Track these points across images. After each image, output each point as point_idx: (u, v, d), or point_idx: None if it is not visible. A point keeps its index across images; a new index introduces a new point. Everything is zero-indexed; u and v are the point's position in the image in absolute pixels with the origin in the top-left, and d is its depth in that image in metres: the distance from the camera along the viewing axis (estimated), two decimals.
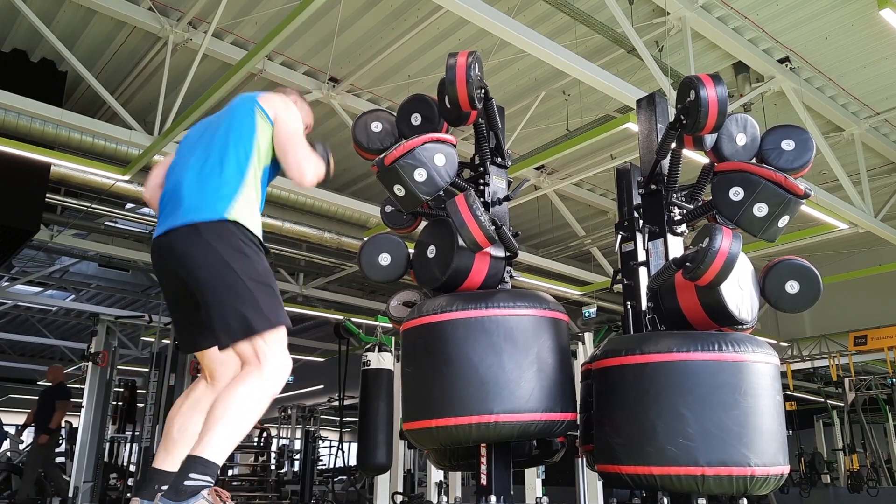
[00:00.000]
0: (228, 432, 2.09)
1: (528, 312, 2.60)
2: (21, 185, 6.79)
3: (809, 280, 2.67)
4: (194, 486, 2.02)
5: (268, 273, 2.29)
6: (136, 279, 13.45)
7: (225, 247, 2.22)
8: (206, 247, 2.22)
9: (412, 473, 11.19)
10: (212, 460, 2.05)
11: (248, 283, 2.20)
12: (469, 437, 2.49)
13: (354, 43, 6.45)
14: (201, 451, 2.06)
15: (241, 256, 2.22)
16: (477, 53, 2.79)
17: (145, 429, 8.52)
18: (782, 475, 2.40)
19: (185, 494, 2.00)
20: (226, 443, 2.09)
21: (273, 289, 2.27)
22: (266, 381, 2.16)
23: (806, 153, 2.83)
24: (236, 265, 2.21)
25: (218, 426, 2.07)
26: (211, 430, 2.08)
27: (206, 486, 2.05)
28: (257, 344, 2.18)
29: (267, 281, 2.26)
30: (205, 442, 2.07)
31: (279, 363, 2.20)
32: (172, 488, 2.03)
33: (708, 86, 2.55)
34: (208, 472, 2.05)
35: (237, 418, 2.10)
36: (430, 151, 2.61)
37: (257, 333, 2.17)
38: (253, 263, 2.24)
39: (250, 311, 2.18)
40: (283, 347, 2.24)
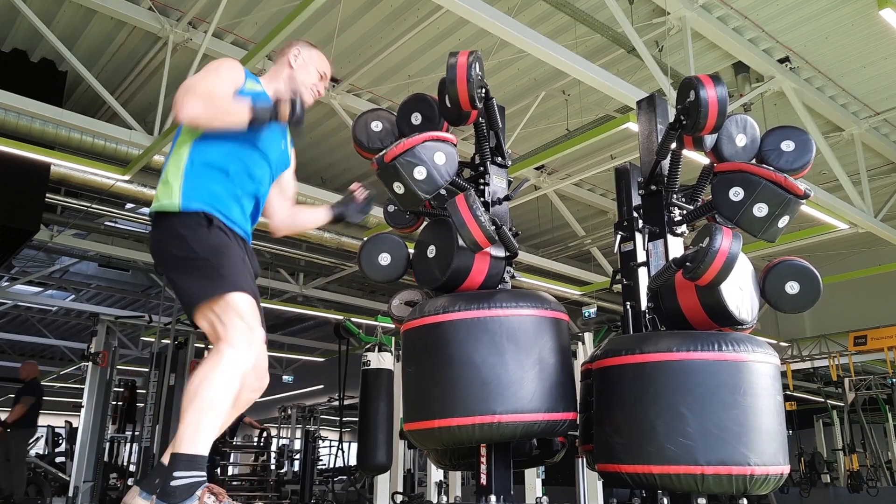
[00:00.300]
0: (203, 418, 2.03)
1: (530, 312, 2.60)
2: (21, 185, 6.79)
3: (809, 280, 2.67)
4: (184, 486, 1.97)
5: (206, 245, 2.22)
6: (136, 279, 13.46)
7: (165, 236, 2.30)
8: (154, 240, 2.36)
9: (412, 473, 11.19)
10: (194, 453, 2.01)
11: (186, 263, 2.23)
12: (472, 437, 2.49)
13: (354, 43, 6.46)
14: (179, 446, 2.01)
15: (175, 240, 2.26)
16: (477, 53, 2.79)
17: (145, 429, 8.52)
18: (782, 475, 2.40)
19: (176, 495, 1.96)
20: (203, 430, 2.03)
21: (211, 260, 2.20)
22: (227, 357, 2.10)
23: (806, 154, 2.83)
24: (174, 249, 2.26)
25: (189, 416, 2.03)
26: (184, 421, 2.04)
27: (198, 482, 2.00)
28: (211, 319, 2.16)
29: (204, 254, 2.21)
30: (180, 436, 2.02)
31: (236, 334, 2.13)
32: (162, 490, 1.98)
33: (708, 86, 2.55)
34: (194, 465, 2.00)
35: (206, 402, 2.04)
36: (430, 150, 2.61)
37: (199, 305, 2.17)
38: (187, 242, 2.23)
39: (188, 286, 2.21)
40: (241, 317, 2.15)
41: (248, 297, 2.21)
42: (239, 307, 2.17)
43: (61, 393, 18.98)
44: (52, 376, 18.34)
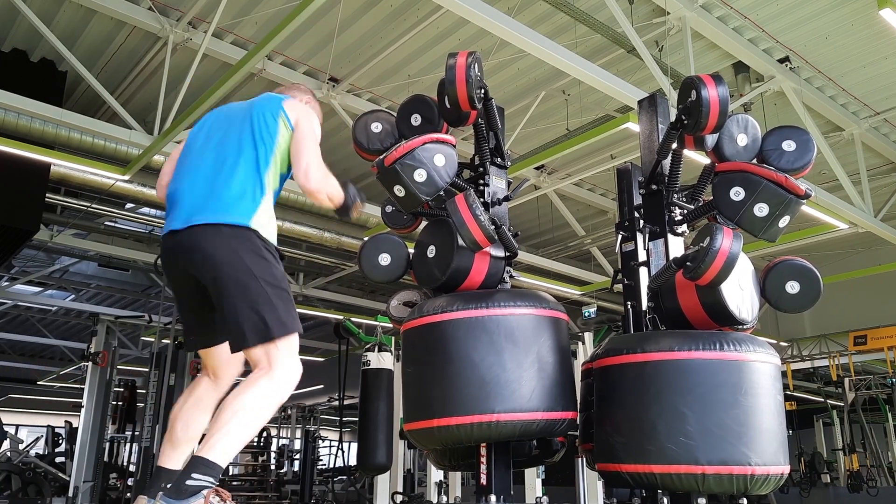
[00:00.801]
0: (235, 436, 2.10)
1: (529, 312, 2.60)
2: (21, 185, 6.79)
3: (810, 280, 2.67)
4: (195, 486, 2.02)
5: (284, 279, 2.32)
6: (136, 279, 13.45)
7: (247, 251, 2.23)
8: (229, 248, 2.22)
9: (412, 473, 11.19)
10: (216, 462, 2.06)
11: (267, 288, 2.22)
12: (471, 436, 2.49)
13: (354, 43, 6.45)
14: (206, 452, 2.06)
15: (261, 261, 2.24)
16: (477, 53, 2.79)
17: (145, 429, 8.51)
18: (782, 475, 2.40)
19: (185, 494, 2.01)
20: (232, 446, 2.10)
21: (289, 295, 2.29)
22: (275, 387, 2.18)
23: (807, 154, 2.83)
24: (256, 270, 2.22)
25: (225, 429, 2.08)
26: (218, 432, 2.08)
27: (208, 486, 2.05)
28: (270, 349, 2.20)
29: (284, 286, 2.29)
30: (211, 444, 2.07)
31: (290, 369, 2.22)
32: (174, 487, 2.03)
33: (709, 86, 2.55)
34: (211, 472, 2.05)
35: (245, 422, 2.11)
36: (429, 152, 2.61)
37: (273, 339, 2.19)
38: (272, 269, 2.27)
39: (268, 315, 2.19)
40: (294, 353, 2.25)
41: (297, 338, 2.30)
42: (296, 347, 2.27)
43: (61, 393, 18.98)
44: (52, 376, 18.34)
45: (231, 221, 2.25)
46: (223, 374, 2.47)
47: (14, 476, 9.38)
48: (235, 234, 2.24)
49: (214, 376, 2.48)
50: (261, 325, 2.18)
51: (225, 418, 2.09)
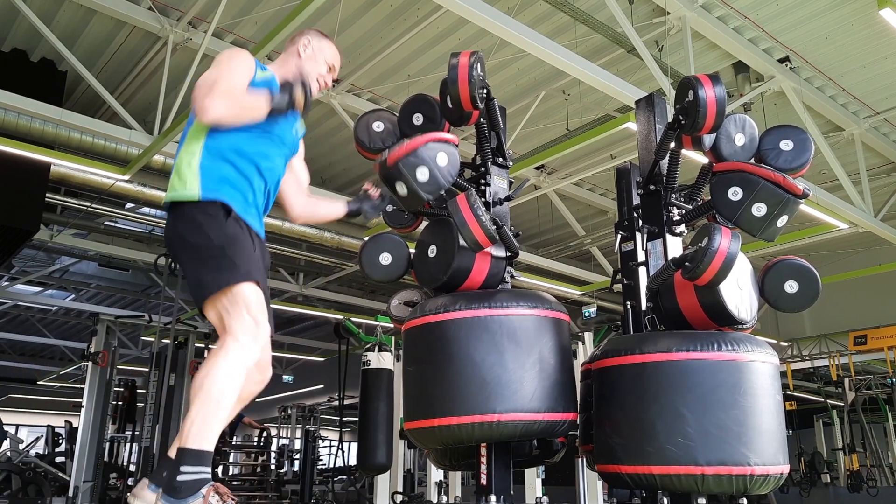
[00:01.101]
0: (208, 413, 2.04)
1: (531, 312, 2.60)
2: (21, 185, 6.79)
3: (808, 280, 2.67)
4: (190, 482, 1.98)
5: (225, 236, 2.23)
6: (136, 279, 13.45)
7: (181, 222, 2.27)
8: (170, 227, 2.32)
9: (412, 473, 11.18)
10: (199, 448, 2.02)
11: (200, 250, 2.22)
12: (472, 436, 2.49)
13: (354, 43, 6.46)
14: (185, 440, 2.02)
15: (193, 227, 2.24)
16: (479, 54, 2.80)
17: (145, 429, 8.51)
18: (782, 475, 2.40)
19: (182, 492, 1.97)
20: (208, 425, 2.04)
21: (226, 249, 2.20)
22: (232, 352, 2.11)
23: (804, 153, 2.83)
24: (189, 237, 2.24)
25: (195, 411, 2.04)
26: (189, 416, 2.05)
27: (203, 479, 2.00)
28: (219, 310, 2.17)
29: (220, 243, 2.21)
30: (186, 430, 2.03)
31: (242, 329, 2.14)
32: (168, 485, 1.99)
33: (706, 86, 2.55)
34: (200, 461, 2.01)
35: (212, 397, 2.05)
36: (432, 151, 2.61)
37: (209, 296, 2.17)
38: (205, 230, 2.22)
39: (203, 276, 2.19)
40: (248, 310, 2.16)
41: (257, 288, 2.22)
42: (248, 299, 2.18)
43: (61, 393, 18.98)
44: (52, 376, 18.34)
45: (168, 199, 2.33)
46: None
47: (14, 476, 9.38)
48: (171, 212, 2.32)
49: None
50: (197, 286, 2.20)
51: (192, 399, 2.06)
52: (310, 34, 2.66)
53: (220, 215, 2.25)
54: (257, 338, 2.17)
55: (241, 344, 2.13)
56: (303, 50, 2.62)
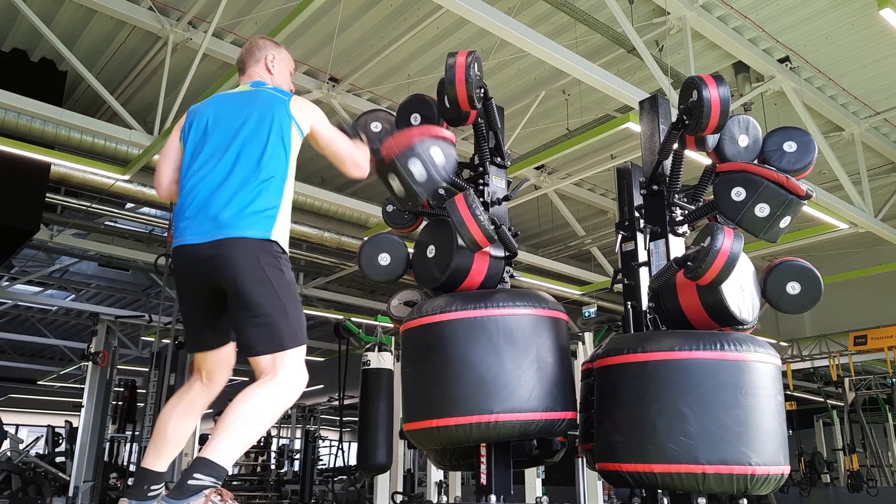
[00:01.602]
0: (239, 438, 2.11)
1: (528, 312, 2.60)
2: (21, 185, 6.78)
3: (811, 281, 2.67)
4: (197, 486, 2.02)
5: (297, 290, 2.35)
6: (136, 279, 13.44)
7: (268, 264, 2.26)
8: (254, 262, 2.24)
9: (412, 473, 11.19)
10: (220, 463, 2.07)
11: (285, 301, 2.25)
12: (470, 436, 2.49)
13: (354, 43, 6.45)
14: (210, 453, 2.07)
15: (280, 274, 2.27)
16: (476, 53, 2.79)
17: (145, 429, 8.50)
18: (782, 475, 2.40)
19: (187, 493, 2.01)
20: (235, 448, 2.11)
21: (300, 306, 2.33)
22: (280, 393, 2.20)
23: (808, 155, 2.83)
24: (276, 282, 2.25)
25: (229, 430, 2.10)
26: (222, 433, 2.09)
27: (210, 486, 2.05)
28: (280, 357, 2.22)
29: (298, 299, 2.33)
30: (214, 444, 2.08)
31: (296, 377, 2.24)
32: (177, 486, 2.04)
33: (710, 86, 2.55)
34: (214, 473, 2.06)
35: (250, 425, 2.12)
36: (428, 148, 2.61)
37: (285, 349, 2.23)
38: (289, 281, 2.30)
39: (284, 327, 2.23)
40: (301, 362, 2.27)
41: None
42: (303, 356, 2.29)
43: (61, 393, 18.97)
44: (52, 376, 18.33)
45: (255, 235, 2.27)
46: (217, 377, 2.47)
47: (14, 476, 9.38)
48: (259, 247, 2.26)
49: (208, 379, 2.47)
50: (278, 335, 2.22)
51: (229, 420, 2.10)
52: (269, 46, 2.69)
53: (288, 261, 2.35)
54: (302, 388, 2.28)
55: (293, 388, 2.23)
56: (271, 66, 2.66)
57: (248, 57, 2.68)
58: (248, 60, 2.67)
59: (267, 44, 2.71)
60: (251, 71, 2.65)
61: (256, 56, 2.66)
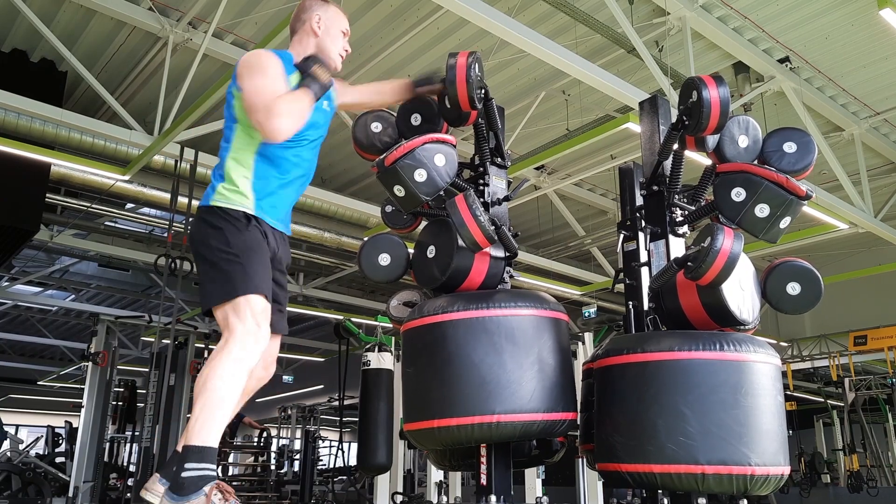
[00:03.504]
0: (210, 410, 2.09)
1: (529, 312, 2.60)
2: (21, 185, 6.79)
3: (811, 282, 2.67)
4: (194, 478, 2.01)
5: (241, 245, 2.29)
6: (136, 279, 13.45)
7: (203, 226, 2.34)
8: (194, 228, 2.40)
9: (412, 473, 11.18)
10: (203, 445, 2.05)
11: (217, 257, 2.27)
12: (471, 437, 2.49)
13: (354, 43, 6.42)
14: (189, 438, 2.07)
15: (214, 232, 2.30)
16: (477, 53, 2.79)
17: (145, 429, 8.51)
18: (783, 475, 2.40)
19: (186, 489, 2.00)
20: (211, 422, 2.09)
21: (241, 259, 2.27)
22: (235, 352, 2.17)
23: (808, 156, 2.83)
24: (210, 241, 2.30)
25: (198, 408, 2.09)
26: (194, 414, 2.10)
27: (207, 475, 2.03)
28: (226, 314, 2.23)
29: (236, 252, 2.28)
30: (190, 428, 2.08)
31: (244, 330, 2.20)
32: (173, 482, 2.03)
33: (710, 87, 2.54)
34: (204, 458, 2.05)
35: (214, 394, 2.10)
36: (430, 152, 2.61)
37: (221, 303, 2.23)
38: (225, 236, 2.29)
39: (217, 282, 2.25)
40: (253, 315, 2.22)
41: (263, 299, 2.29)
42: (253, 307, 2.24)
43: (61, 393, 18.98)
44: (52, 376, 18.34)
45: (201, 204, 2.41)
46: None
47: (14, 476, 9.38)
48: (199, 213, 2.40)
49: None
50: (207, 292, 2.27)
51: (196, 397, 2.11)
52: (315, 6, 2.62)
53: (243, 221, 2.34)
54: (259, 340, 2.23)
55: (244, 344, 2.19)
56: (317, 27, 2.59)
57: (296, 21, 2.63)
58: (295, 24, 2.64)
59: (314, 4, 2.62)
60: (292, 42, 2.64)
61: (302, 18, 2.61)
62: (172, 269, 6.85)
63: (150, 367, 8.85)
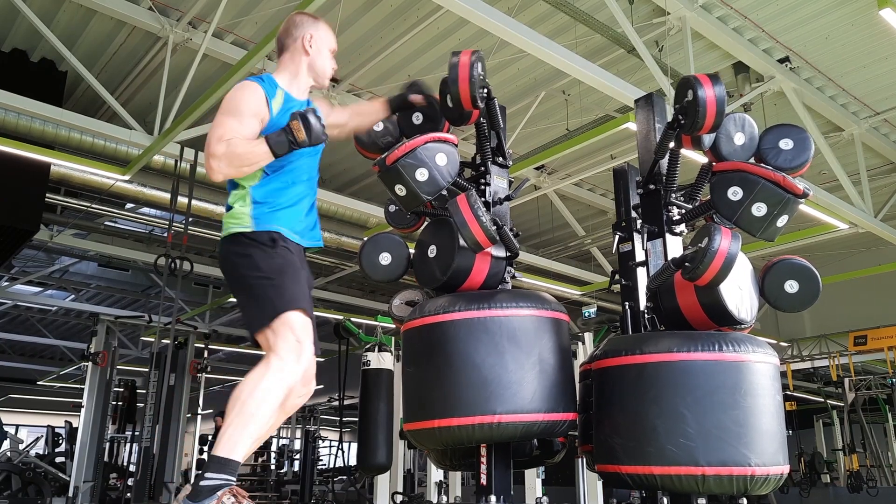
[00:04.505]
0: (242, 427, 2.12)
1: (530, 313, 2.60)
2: (21, 185, 6.79)
3: (809, 280, 2.67)
4: (211, 486, 2.04)
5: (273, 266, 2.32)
6: (136, 279, 13.45)
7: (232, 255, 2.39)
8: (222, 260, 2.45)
9: (412, 473, 11.19)
10: (228, 457, 2.08)
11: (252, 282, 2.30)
12: (472, 437, 2.49)
13: (354, 43, 6.46)
14: (217, 449, 2.10)
15: (243, 259, 2.34)
16: (479, 52, 2.79)
17: (145, 429, 8.51)
18: (782, 475, 2.40)
19: (201, 495, 2.03)
20: (241, 437, 2.11)
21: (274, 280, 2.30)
22: (272, 370, 2.19)
23: (804, 152, 2.83)
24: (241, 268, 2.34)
25: (229, 420, 2.12)
26: (225, 426, 2.13)
27: (224, 484, 2.06)
28: (267, 335, 2.25)
29: (269, 274, 2.30)
30: (220, 439, 2.11)
31: (287, 348, 2.23)
32: (193, 488, 2.06)
33: (706, 85, 2.54)
34: (226, 469, 2.07)
35: (248, 411, 2.12)
36: (431, 151, 2.61)
37: (262, 327, 2.25)
38: (255, 261, 2.31)
39: (254, 307, 2.29)
40: (286, 333, 2.24)
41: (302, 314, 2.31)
42: (297, 323, 2.28)
43: (61, 393, 18.98)
44: (52, 376, 18.33)
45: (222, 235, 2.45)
46: None
47: (14, 476, 9.38)
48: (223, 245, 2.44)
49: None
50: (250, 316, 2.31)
51: (231, 409, 2.13)
52: (307, 23, 2.60)
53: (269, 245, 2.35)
54: (300, 357, 2.28)
55: (285, 362, 2.22)
56: (309, 46, 2.57)
57: (286, 37, 2.61)
58: (285, 40, 2.61)
59: (304, 20, 2.60)
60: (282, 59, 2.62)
61: (294, 35, 2.58)
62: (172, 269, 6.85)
63: (150, 367, 8.85)
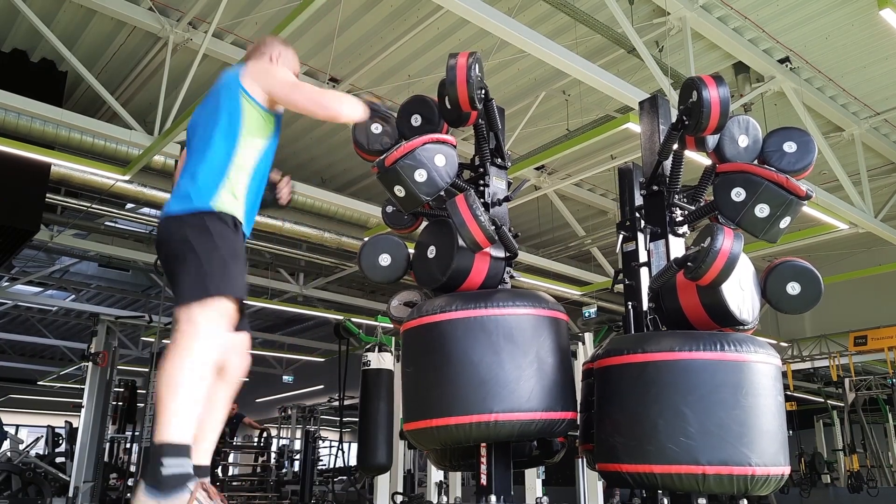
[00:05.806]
0: (174, 405, 2.09)
1: (528, 312, 2.60)
2: (21, 185, 6.79)
3: (811, 281, 2.67)
4: (175, 475, 2.01)
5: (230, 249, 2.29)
6: (136, 279, 13.46)
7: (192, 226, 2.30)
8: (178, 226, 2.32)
9: (412, 473, 11.19)
10: (177, 441, 2.06)
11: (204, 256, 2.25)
12: (469, 436, 2.49)
13: (354, 43, 6.46)
14: (162, 434, 2.07)
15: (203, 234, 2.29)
16: (477, 54, 2.79)
17: (145, 429, 8.51)
18: (783, 475, 2.40)
19: (168, 485, 2.00)
20: (182, 416, 2.09)
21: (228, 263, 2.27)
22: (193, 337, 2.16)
23: (808, 155, 2.83)
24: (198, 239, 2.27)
25: (162, 405, 2.10)
26: (158, 411, 2.11)
27: (188, 473, 2.04)
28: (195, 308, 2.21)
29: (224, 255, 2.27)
30: (161, 424, 2.09)
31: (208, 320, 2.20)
32: (152, 479, 2.02)
33: (710, 87, 2.54)
34: (180, 452, 2.05)
35: (174, 387, 2.10)
36: (430, 152, 2.61)
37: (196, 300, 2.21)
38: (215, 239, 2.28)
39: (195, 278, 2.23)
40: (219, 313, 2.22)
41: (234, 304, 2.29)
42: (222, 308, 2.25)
43: (61, 393, 18.97)
44: (52, 376, 18.33)
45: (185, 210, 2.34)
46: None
47: (14, 476, 9.37)
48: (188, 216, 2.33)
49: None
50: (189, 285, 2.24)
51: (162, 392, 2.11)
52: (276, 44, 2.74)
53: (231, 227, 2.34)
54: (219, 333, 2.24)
55: (204, 331, 2.19)
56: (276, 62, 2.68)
57: (255, 53, 2.72)
58: (253, 56, 2.70)
59: (274, 42, 2.76)
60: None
61: (262, 51, 2.70)
62: None
63: (150, 367, 8.85)
